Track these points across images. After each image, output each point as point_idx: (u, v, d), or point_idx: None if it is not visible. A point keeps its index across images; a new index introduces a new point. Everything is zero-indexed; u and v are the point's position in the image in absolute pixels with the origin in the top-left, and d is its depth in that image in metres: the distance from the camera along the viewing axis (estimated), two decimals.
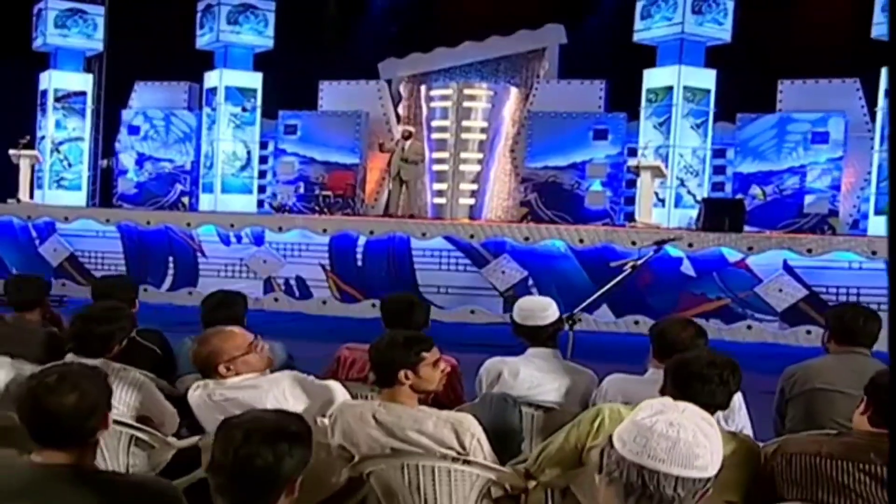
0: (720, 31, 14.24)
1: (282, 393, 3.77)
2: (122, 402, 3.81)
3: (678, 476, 1.97)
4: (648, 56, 14.69)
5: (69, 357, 3.88)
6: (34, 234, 13.97)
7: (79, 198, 17.29)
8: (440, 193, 16.15)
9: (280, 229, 12.86)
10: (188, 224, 13.36)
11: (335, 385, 4.03)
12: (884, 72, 12.75)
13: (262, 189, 17.09)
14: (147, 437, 3.22)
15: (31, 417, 2.60)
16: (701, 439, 2.01)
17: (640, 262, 6.35)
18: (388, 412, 3.44)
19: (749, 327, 10.96)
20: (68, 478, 2.54)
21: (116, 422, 3.51)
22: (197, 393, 3.79)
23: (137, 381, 3.94)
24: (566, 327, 5.19)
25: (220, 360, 3.78)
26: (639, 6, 14.54)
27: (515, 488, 3.39)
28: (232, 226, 13.15)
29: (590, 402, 4.27)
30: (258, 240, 12.95)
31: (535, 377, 4.41)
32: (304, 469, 2.40)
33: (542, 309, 4.61)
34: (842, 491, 3.01)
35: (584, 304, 5.92)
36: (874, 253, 10.45)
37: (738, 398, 3.80)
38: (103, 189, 18.38)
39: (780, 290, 10.92)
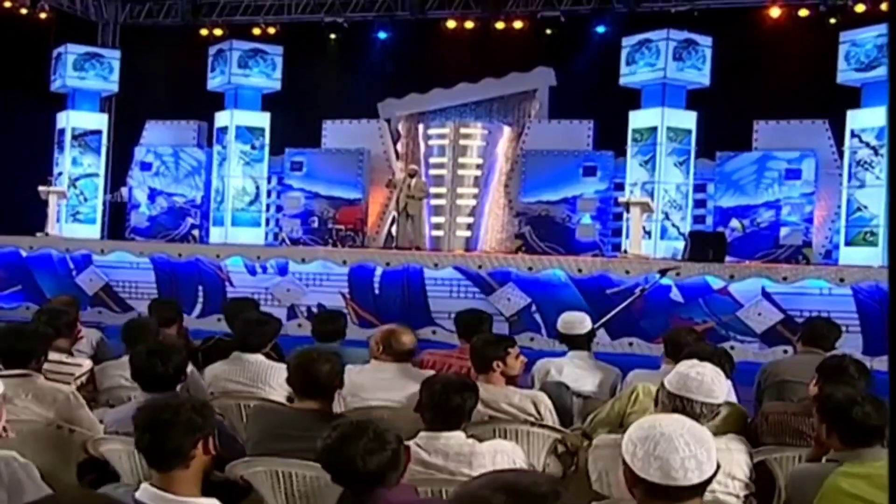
0: (699, 75, 14.91)
1: None
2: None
3: (703, 402, 3.38)
4: (633, 98, 15.34)
5: (234, 354, 4.96)
6: (71, 265, 14.36)
7: (93, 230, 17.67)
8: (438, 226, 16.71)
9: (303, 260, 13.28)
10: (217, 256, 13.79)
11: None
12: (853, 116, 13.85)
13: (268, 222, 17.61)
14: None
15: (300, 378, 3.79)
16: (716, 380, 3.44)
17: (648, 287, 7.44)
18: (485, 391, 4.52)
19: (732, 347, 11.02)
20: (318, 417, 3.68)
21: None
22: None
23: None
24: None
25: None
26: (624, 52, 15.16)
27: (573, 446, 4.51)
28: (258, 258, 13.58)
29: (617, 391, 5.40)
30: (282, 270, 13.37)
31: (576, 373, 5.59)
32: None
33: (580, 321, 5.86)
34: (800, 436, 4.27)
35: (602, 321, 7.00)
36: (842, 280, 11.25)
37: (728, 382, 4.92)
38: (114, 222, 18.77)
39: (760, 314, 11.52)
